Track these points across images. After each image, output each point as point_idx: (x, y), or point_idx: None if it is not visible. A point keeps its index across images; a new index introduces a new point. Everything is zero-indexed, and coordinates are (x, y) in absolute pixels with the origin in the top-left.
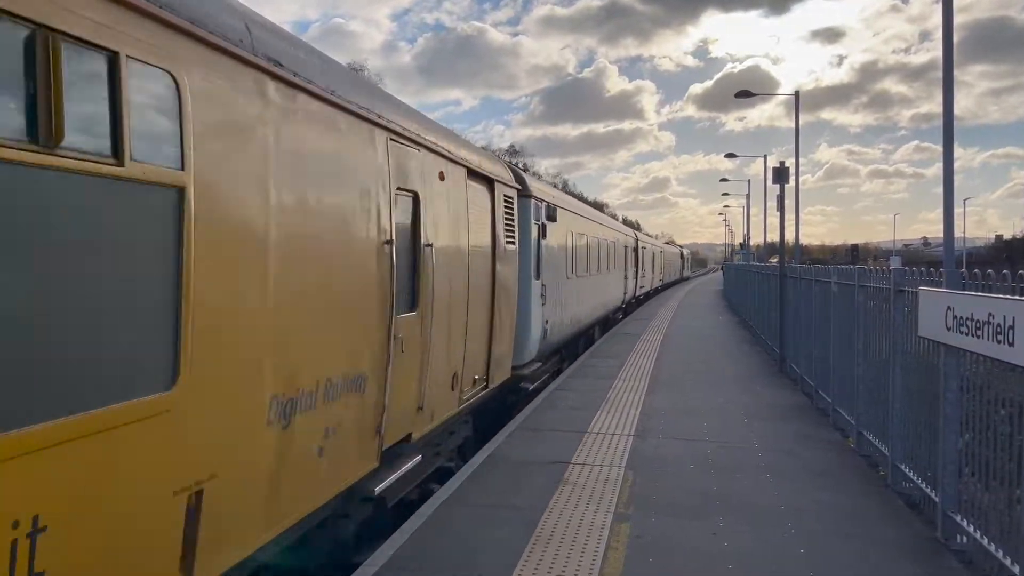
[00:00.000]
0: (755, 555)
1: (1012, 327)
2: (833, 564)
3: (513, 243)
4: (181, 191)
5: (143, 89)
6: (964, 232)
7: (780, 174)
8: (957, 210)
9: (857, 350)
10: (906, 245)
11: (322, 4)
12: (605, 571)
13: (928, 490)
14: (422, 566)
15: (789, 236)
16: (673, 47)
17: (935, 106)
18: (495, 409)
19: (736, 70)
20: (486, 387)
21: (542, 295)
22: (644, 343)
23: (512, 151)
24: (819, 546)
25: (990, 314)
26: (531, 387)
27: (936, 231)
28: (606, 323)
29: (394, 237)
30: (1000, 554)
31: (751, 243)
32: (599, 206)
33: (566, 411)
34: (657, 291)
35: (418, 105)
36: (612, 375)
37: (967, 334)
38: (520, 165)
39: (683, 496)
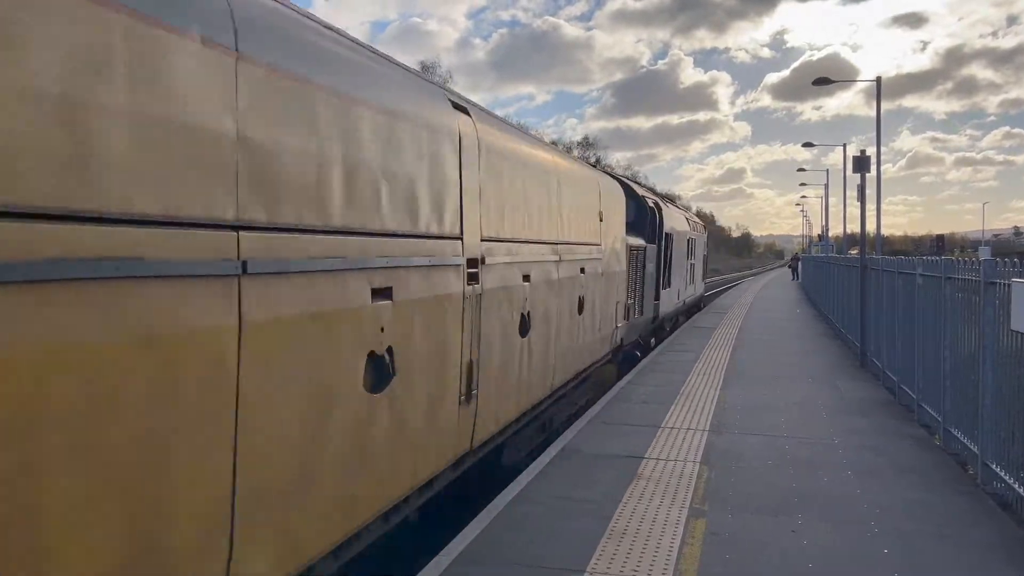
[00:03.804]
0: (837, 554)
1: None
2: (922, 566)
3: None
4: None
5: None
6: None
7: (861, 163)
8: None
9: (943, 344)
10: (996, 235)
11: (400, 4)
12: (681, 567)
13: (1022, 491)
14: (494, 560)
15: (870, 227)
16: (748, 39)
17: None
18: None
19: (814, 58)
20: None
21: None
22: (719, 336)
23: (585, 143)
24: (906, 546)
25: None
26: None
27: None
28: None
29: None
30: None
31: (830, 234)
32: (671, 198)
33: (639, 405)
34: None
35: (491, 100)
36: (686, 369)
37: None
38: (593, 158)
39: (760, 492)
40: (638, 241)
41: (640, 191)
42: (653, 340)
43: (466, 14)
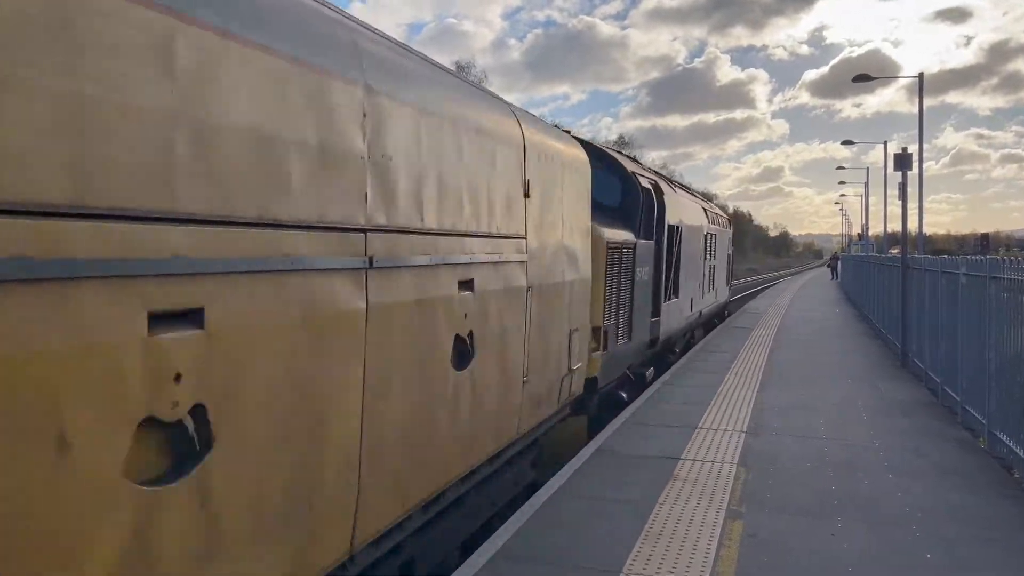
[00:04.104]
0: (878, 557)
1: None
2: (967, 571)
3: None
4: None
5: None
6: None
7: (902, 160)
8: None
9: (988, 345)
10: None
11: (436, 6)
12: (718, 569)
13: None
14: (531, 557)
15: (912, 225)
16: (786, 36)
17: None
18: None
19: (853, 55)
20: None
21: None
22: (756, 336)
23: (621, 142)
24: (950, 550)
25: None
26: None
27: None
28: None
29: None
30: None
31: (870, 233)
32: (708, 197)
33: (676, 406)
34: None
35: (526, 100)
36: (723, 369)
37: None
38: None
39: (799, 494)
40: (622, 236)
41: (630, 166)
42: (652, 370)
43: (501, 15)
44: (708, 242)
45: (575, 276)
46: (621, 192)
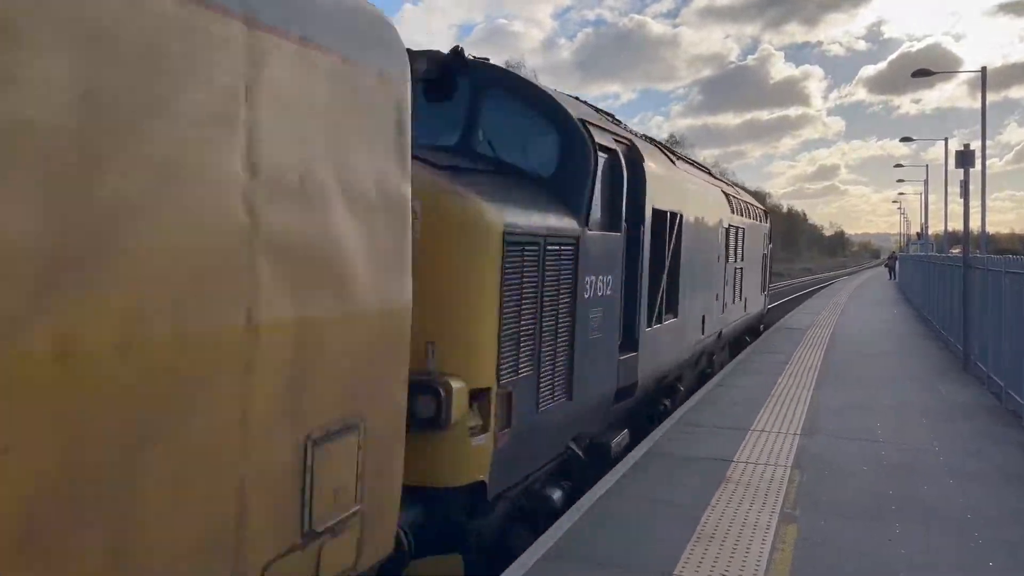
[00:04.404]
0: (937, 564)
1: None
2: None
3: None
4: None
5: None
6: None
7: (964, 157)
8: None
9: None
10: None
11: (487, 7)
12: (772, 573)
13: None
14: (581, 559)
15: (974, 224)
16: (842, 31)
17: None
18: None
19: (913, 50)
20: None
21: None
22: (811, 337)
23: (672, 141)
24: (1013, 557)
25: None
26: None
27: None
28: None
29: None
30: None
31: (929, 232)
32: (760, 197)
33: (728, 407)
34: None
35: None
36: (777, 371)
37: None
38: None
39: (854, 498)
40: (542, 220)
41: (578, 111)
42: (625, 433)
43: (551, 14)
44: (730, 238)
45: (328, 305)
46: (557, 151)
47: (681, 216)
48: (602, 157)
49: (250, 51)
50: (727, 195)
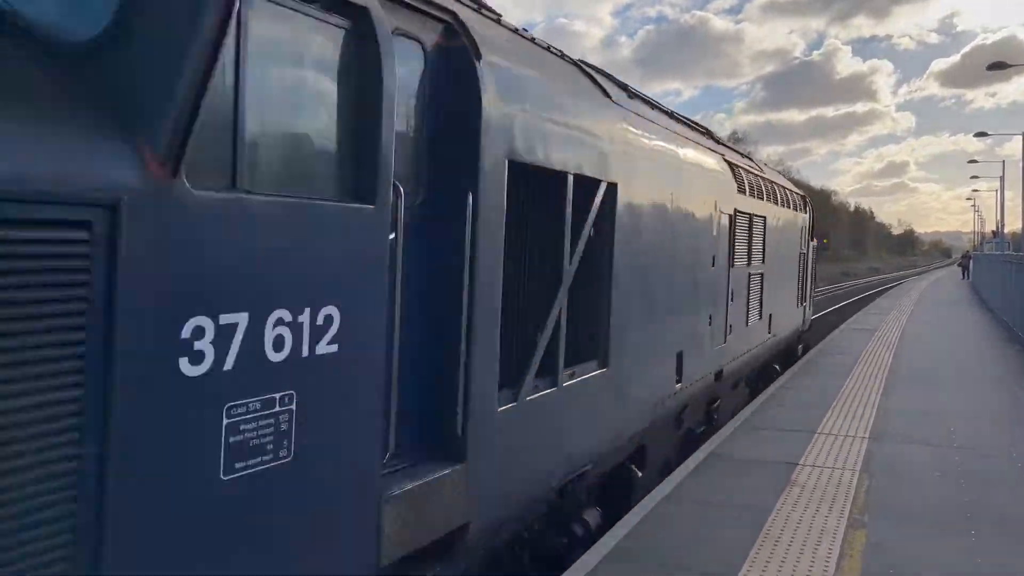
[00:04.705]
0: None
1: None
2: None
3: None
4: None
5: None
6: None
7: None
8: None
9: None
10: None
11: (547, 6)
12: None
13: None
14: (643, 560)
15: None
16: (912, 24)
17: None
18: None
19: (987, 42)
20: None
21: None
22: (880, 337)
23: (734, 138)
24: None
25: None
26: None
27: None
28: None
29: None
30: None
31: (1006, 230)
32: (826, 195)
33: (793, 409)
34: None
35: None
36: (844, 372)
37: None
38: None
39: (927, 505)
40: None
41: None
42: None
43: (612, 12)
44: (739, 231)
45: None
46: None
47: (614, 188)
48: (287, 15)
49: None
50: (732, 167)
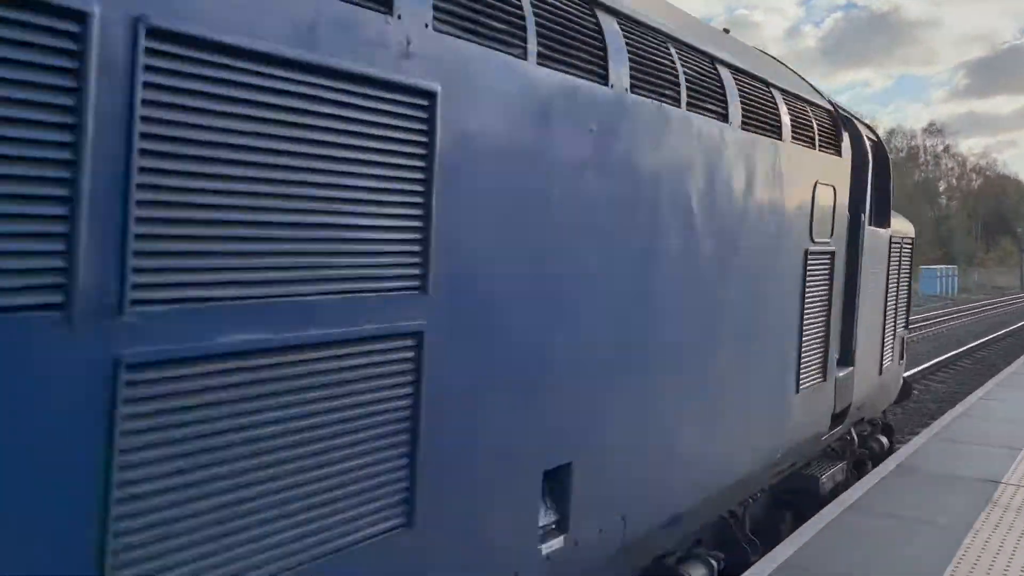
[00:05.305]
0: None
1: None
2: None
3: None
4: None
5: None
6: None
7: None
8: None
9: None
10: None
11: None
12: None
13: None
14: (821, 572)
15: None
16: None
17: None
18: None
19: None
20: None
21: None
22: None
23: (931, 130)
24: None
25: None
26: None
27: None
28: None
29: None
30: None
31: None
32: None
33: (994, 423)
34: None
35: (823, 89)
36: None
37: None
38: (941, 146)
39: None
40: None
41: None
42: None
43: (797, 2)
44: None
45: None
46: None
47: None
48: None
49: None
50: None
